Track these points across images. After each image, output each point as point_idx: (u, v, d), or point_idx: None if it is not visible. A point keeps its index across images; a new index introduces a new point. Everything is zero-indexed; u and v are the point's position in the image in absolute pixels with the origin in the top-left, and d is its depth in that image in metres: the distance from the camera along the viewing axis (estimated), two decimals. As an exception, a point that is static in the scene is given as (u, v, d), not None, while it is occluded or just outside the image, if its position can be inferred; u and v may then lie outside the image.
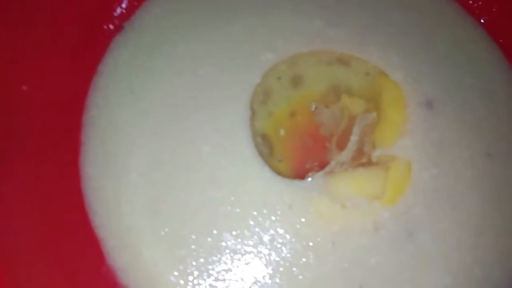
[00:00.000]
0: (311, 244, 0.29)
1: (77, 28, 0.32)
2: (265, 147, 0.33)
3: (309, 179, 0.30)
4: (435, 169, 0.32)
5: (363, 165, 0.32)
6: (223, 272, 0.29)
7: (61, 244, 0.28)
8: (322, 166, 0.33)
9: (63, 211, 0.29)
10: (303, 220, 0.30)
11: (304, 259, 0.29)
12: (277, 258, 0.29)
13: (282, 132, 0.34)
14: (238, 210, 0.30)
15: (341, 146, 0.33)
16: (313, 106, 0.34)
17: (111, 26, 0.34)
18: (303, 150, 0.33)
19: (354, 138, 0.33)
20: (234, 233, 0.30)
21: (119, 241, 0.29)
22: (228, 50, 0.35)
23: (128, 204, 0.30)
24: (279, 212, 0.30)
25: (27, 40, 0.28)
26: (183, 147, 0.32)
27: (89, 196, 0.30)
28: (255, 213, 0.30)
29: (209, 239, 0.30)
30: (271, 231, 0.30)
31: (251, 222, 0.30)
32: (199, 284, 0.29)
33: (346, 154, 0.33)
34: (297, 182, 0.30)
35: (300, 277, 0.29)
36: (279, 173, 0.32)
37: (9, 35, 0.27)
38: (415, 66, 0.35)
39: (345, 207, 0.30)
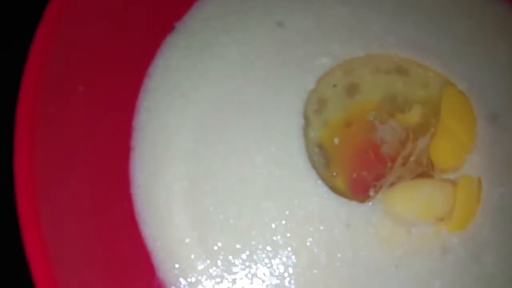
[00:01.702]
0: (372, 266, 0.27)
1: (129, 29, 0.30)
2: (322, 158, 0.31)
3: (370, 203, 0.28)
4: (502, 188, 0.29)
5: (425, 176, 0.30)
6: (280, 293, 0.27)
7: (111, 256, 0.26)
8: (378, 179, 0.31)
9: (113, 220, 0.27)
10: (362, 241, 0.27)
11: (365, 281, 0.27)
12: (337, 279, 0.27)
13: (336, 141, 0.31)
14: (293, 225, 0.28)
15: (402, 164, 0.30)
16: (372, 116, 0.32)
17: (162, 27, 0.32)
18: (360, 164, 0.31)
19: (413, 158, 0.30)
20: (289, 249, 0.27)
21: (170, 254, 0.27)
22: (281, 54, 0.32)
23: (179, 215, 0.28)
24: (336, 231, 0.28)
25: (83, 41, 0.26)
26: (235, 155, 0.30)
27: (139, 205, 0.28)
28: (311, 229, 0.28)
29: (263, 255, 0.28)
30: (329, 250, 0.27)
31: (308, 239, 0.28)
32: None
33: (406, 170, 0.31)
34: (354, 203, 0.28)
35: (362, 300, 0.27)
36: (334, 187, 0.30)
37: (67, 36, 0.25)
38: (478, 77, 0.32)
39: (409, 233, 0.27)
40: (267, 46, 0.32)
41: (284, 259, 0.27)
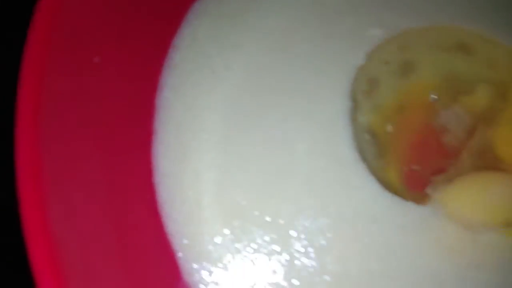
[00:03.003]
0: (432, 276, 0.23)
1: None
2: (373, 146, 0.26)
3: (429, 205, 0.23)
4: None
5: (493, 171, 0.25)
6: (324, 303, 0.24)
7: (130, 256, 0.22)
8: (438, 173, 0.27)
9: (133, 215, 0.23)
10: (421, 248, 0.23)
11: (424, 292, 0.23)
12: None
13: (389, 127, 0.27)
14: (340, 225, 0.24)
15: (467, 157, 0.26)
16: (432, 98, 0.27)
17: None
18: (417, 156, 0.26)
19: (476, 150, 0.26)
20: (336, 253, 0.24)
21: (198, 254, 0.23)
22: (326, 24, 0.27)
23: (209, 209, 0.23)
24: (390, 234, 0.23)
25: (99, 5, 0.22)
26: (273, 143, 0.25)
27: (163, 197, 0.24)
28: (361, 230, 0.24)
29: (305, 260, 0.24)
30: (382, 257, 0.23)
31: (358, 242, 0.23)
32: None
33: (468, 164, 0.26)
34: (410, 204, 0.24)
35: (422, 315, 0.23)
36: (385, 181, 0.25)
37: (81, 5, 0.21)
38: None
39: (476, 240, 0.23)
40: (311, 15, 0.27)
41: (330, 266, 0.23)
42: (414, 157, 0.26)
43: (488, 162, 0.25)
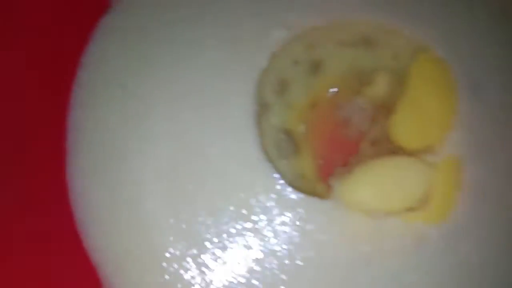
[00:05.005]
0: (339, 265, 0.23)
1: (52, 9, 0.24)
2: (290, 144, 0.26)
3: (331, 198, 0.24)
4: (484, 169, 0.24)
5: (394, 153, 0.25)
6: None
7: (52, 274, 0.23)
8: (345, 164, 0.27)
9: (51, 232, 0.23)
10: (325, 240, 0.23)
11: (332, 281, 0.23)
12: (301, 280, 0.23)
13: (302, 125, 0.27)
14: (250, 224, 0.24)
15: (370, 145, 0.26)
16: (333, 93, 0.27)
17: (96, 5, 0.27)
18: (326, 149, 0.27)
19: (376, 138, 0.26)
20: (242, 255, 0.23)
21: (118, 267, 0.23)
22: (233, 29, 0.27)
23: (126, 223, 0.24)
24: (294, 231, 0.23)
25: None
26: (187, 151, 0.25)
27: (80, 215, 0.24)
28: (266, 227, 0.24)
29: (218, 262, 0.24)
30: (292, 251, 0.23)
31: (263, 242, 0.24)
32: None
33: (371, 152, 0.26)
34: (314, 199, 0.24)
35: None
36: (301, 177, 0.26)
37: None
38: (457, 43, 0.27)
39: (378, 227, 0.23)
40: (219, 22, 0.26)
41: (237, 268, 0.23)
42: (323, 152, 0.26)
43: (387, 150, 0.26)
